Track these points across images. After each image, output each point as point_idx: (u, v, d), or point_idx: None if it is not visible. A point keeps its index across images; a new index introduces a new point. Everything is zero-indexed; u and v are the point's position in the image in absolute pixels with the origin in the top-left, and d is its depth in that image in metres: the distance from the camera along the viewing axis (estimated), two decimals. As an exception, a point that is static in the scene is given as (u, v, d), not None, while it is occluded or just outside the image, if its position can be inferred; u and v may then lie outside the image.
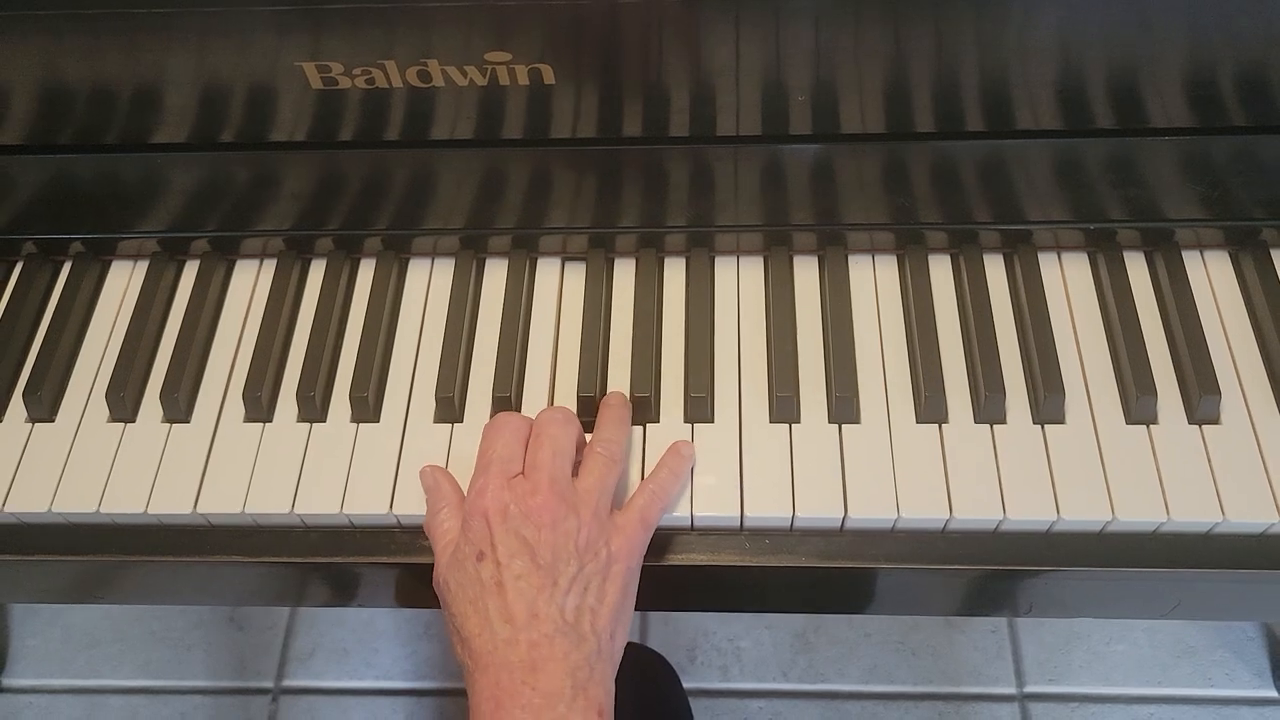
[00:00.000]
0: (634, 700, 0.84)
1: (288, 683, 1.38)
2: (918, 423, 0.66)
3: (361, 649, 1.39)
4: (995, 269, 0.72)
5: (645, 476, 0.65)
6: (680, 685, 0.91)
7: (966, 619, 1.37)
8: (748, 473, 0.65)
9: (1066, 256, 0.73)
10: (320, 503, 0.65)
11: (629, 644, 0.91)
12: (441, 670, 1.37)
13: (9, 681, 1.39)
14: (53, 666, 1.40)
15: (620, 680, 0.70)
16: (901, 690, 1.33)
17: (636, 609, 0.62)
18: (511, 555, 0.57)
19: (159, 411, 0.69)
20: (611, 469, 0.62)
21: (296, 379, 0.69)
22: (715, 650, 1.37)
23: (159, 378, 0.71)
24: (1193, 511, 0.62)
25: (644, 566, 0.63)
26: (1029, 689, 1.33)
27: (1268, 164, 0.68)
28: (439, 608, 0.61)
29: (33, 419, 0.70)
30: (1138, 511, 0.62)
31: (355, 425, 0.68)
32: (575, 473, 0.62)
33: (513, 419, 0.63)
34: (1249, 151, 0.67)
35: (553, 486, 0.58)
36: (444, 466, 0.66)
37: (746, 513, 0.64)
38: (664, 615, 1.39)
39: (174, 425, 0.69)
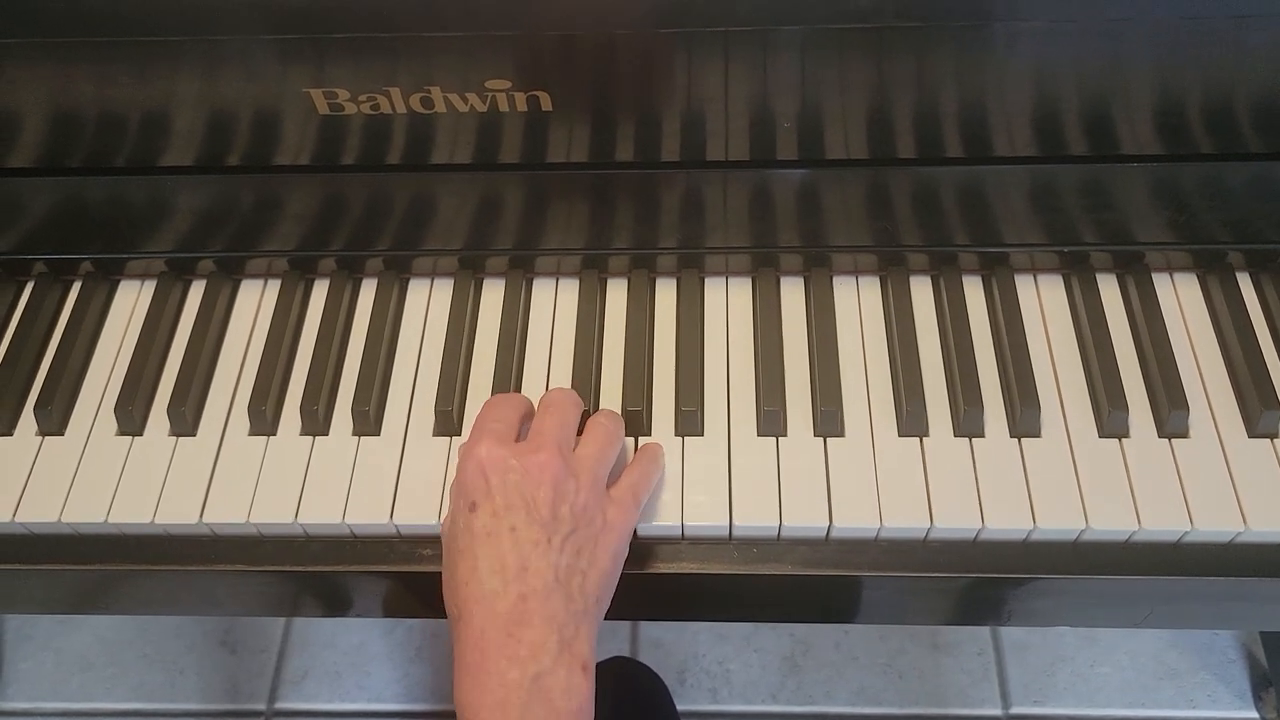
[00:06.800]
0: (627, 713, 0.85)
1: (280, 705, 1.38)
2: (900, 436, 0.68)
3: (354, 671, 1.40)
4: (974, 290, 0.75)
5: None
6: (672, 700, 0.92)
7: (952, 640, 1.38)
8: (736, 484, 0.67)
9: (1042, 278, 0.75)
10: (322, 513, 0.67)
11: (622, 658, 0.93)
12: (433, 692, 1.38)
13: (1, 705, 1.39)
14: (45, 689, 1.41)
15: (613, 692, 0.71)
16: (889, 712, 1.35)
17: (628, 619, 0.64)
18: (508, 508, 0.57)
19: (166, 425, 0.71)
20: (612, 442, 0.63)
21: (300, 393, 0.71)
22: (705, 673, 1.38)
23: (166, 393, 0.72)
24: (1163, 521, 0.64)
25: (635, 575, 0.65)
26: (1014, 710, 1.34)
27: (1233, 190, 0.70)
28: (438, 617, 0.63)
29: (43, 432, 0.72)
30: (1110, 521, 0.64)
31: (357, 438, 0.70)
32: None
33: (512, 396, 0.65)
34: (1215, 178, 0.70)
35: (556, 450, 0.59)
36: (443, 479, 0.68)
37: (735, 522, 0.66)
38: (654, 638, 1.40)
39: (180, 438, 0.71)
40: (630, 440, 0.69)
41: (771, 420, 0.69)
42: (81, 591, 0.73)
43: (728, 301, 0.75)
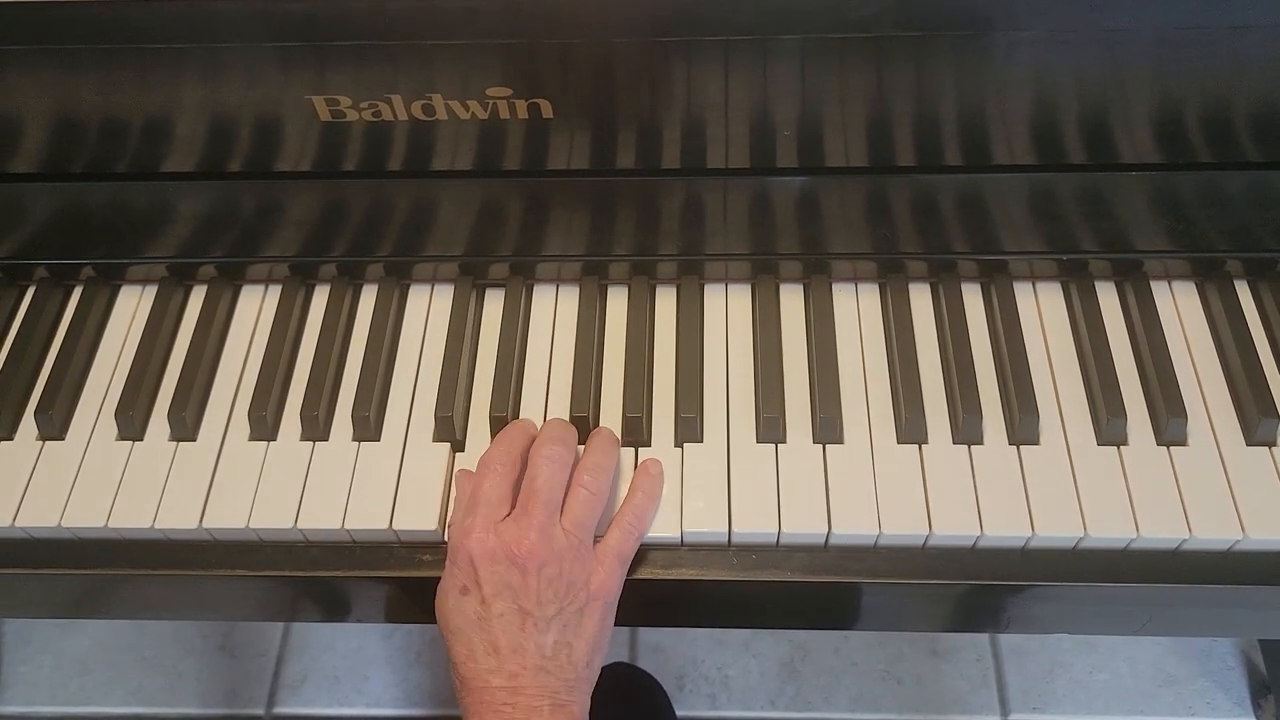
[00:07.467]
0: (626, 718, 0.85)
1: (279, 710, 1.38)
2: (899, 443, 0.69)
3: (352, 676, 1.40)
4: (973, 297, 0.75)
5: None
6: (670, 705, 0.92)
7: (951, 647, 1.38)
8: (735, 491, 0.67)
9: (1041, 286, 0.75)
10: (322, 518, 0.67)
11: (623, 664, 0.94)
12: (432, 697, 1.38)
13: (0, 709, 1.40)
14: (43, 693, 1.41)
15: (612, 697, 0.72)
16: (887, 718, 1.34)
17: (629, 626, 0.65)
18: (496, 596, 0.60)
19: (166, 430, 0.71)
20: (595, 504, 0.64)
21: (300, 399, 0.71)
22: (704, 679, 1.38)
23: (166, 398, 0.72)
24: (1161, 528, 0.64)
25: (636, 581, 0.66)
26: (1013, 717, 1.34)
27: (1231, 198, 0.70)
28: (434, 622, 0.64)
29: (44, 437, 0.72)
30: (1109, 528, 0.65)
31: (357, 444, 0.70)
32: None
33: (502, 456, 0.64)
34: (1213, 186, 0.70)
35: (540, 533, 0.61)
36: (443, 485, 0.68)
37: (734, 529, 0.66)
38: (653, 644, 1.40)
39: (181, 443, 0.71)
40: (630, 450, 0.69)
41: (771, 427, 0.69)
42: (81, 596, 0.73)
43: (727, 308, 0.76)
